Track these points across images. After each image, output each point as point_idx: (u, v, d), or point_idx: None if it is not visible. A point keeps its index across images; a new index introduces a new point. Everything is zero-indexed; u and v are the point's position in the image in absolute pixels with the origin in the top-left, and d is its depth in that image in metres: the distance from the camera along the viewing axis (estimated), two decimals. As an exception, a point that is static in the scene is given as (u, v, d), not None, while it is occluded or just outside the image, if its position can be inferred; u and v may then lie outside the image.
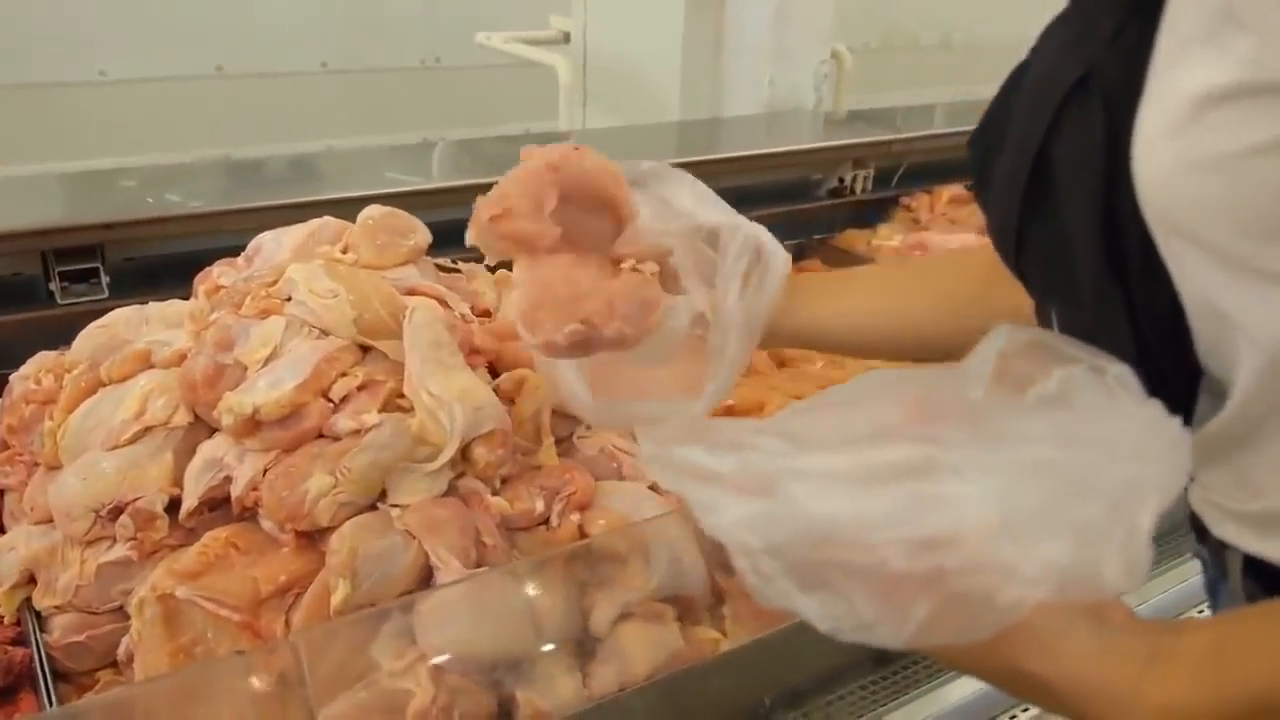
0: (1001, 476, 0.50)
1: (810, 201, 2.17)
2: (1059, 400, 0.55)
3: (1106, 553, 0.50)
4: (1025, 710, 1.06)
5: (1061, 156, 0.62)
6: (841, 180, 2.16)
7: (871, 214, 2.17)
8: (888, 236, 2.02)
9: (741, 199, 2.10)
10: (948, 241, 1.96)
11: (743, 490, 0.53)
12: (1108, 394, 0.54)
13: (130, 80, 3.11)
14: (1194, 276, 0.57)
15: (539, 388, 1.10)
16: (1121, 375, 0.55)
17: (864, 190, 2.18)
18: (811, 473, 0.52)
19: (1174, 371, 0.59)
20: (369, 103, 3.47)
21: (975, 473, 0.50)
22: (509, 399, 1.13)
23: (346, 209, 1.28)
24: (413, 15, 3.49)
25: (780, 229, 2.07)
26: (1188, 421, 0.59)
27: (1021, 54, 0.72)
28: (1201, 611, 1.18)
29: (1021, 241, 0.67)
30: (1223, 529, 0.65)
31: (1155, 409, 0.54)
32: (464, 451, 1.01)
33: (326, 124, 3.38)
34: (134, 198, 1.54)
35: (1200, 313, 0.58)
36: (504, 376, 1.13)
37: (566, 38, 2.66)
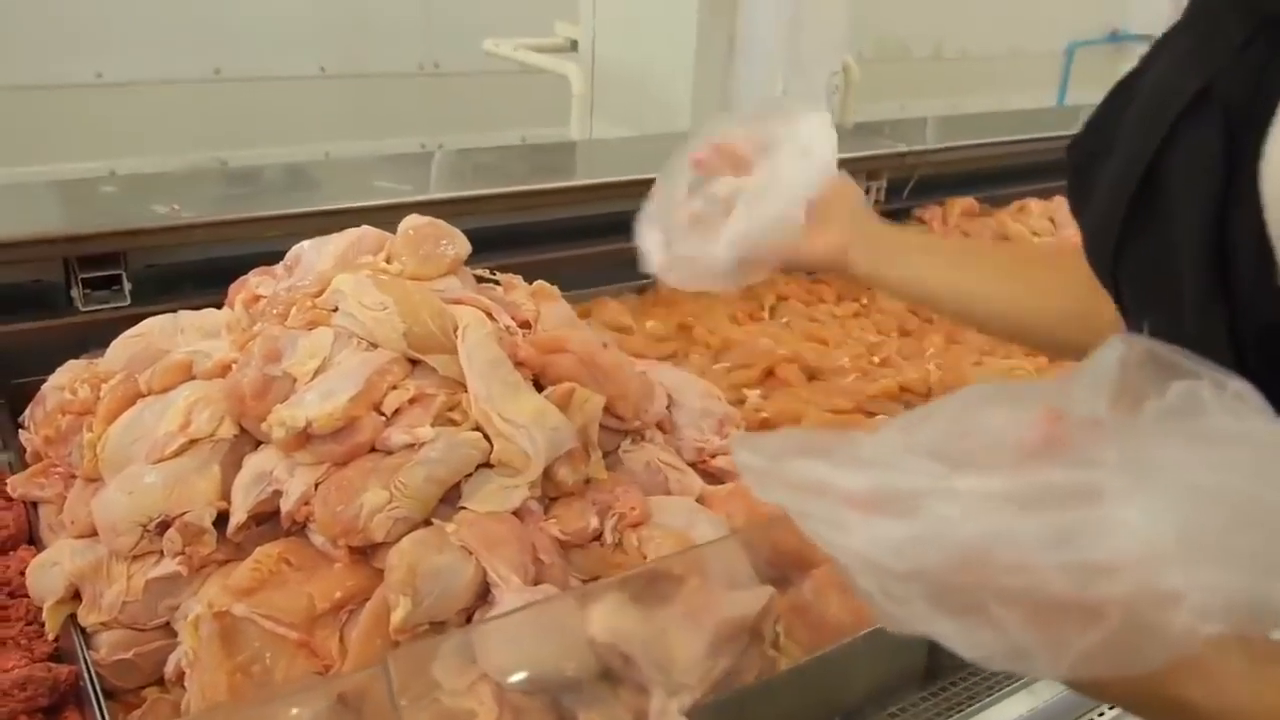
0: (1173, 504, 0.48)
1: (824, 213, 2.16)
2: (1184, 415, 0.54)
3: (1276, 584, 0.48)
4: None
5: (1175, 168, 0.60)
6: (855, 192, 2.16)
7: (884, 226, 2.17)
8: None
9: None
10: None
11: (877, 510, 0.51)
12: (1233, 412, 0.52)
13: (127, 82, 3.07)
14: None
15: (588, 401, 1.09)
16: (1243, 391, 0.53)
17: (877, 202, 2.18)
18: (964, 494, 0.49)
19: (1267, 386, 0.59)
20: (367, 108, 3.45)
21: (1144, 499, 0.48)
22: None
23: (376, 217, 1.27)
24: (411, 21, 3.47)
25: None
26: None
27: (1013, 64, 0.72)
28: None
29: (1120, 252, 0.66)
30: None
31: None
32: (546, 471, 1.00)
33: (323, 129, 3.36)
34: (153, 204, 1.52)
35: None
36: (550, 390, 1.12)
37: (573, 45, 2.65)
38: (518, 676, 0.88)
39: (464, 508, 0.98)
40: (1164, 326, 0.65)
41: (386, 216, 1.26)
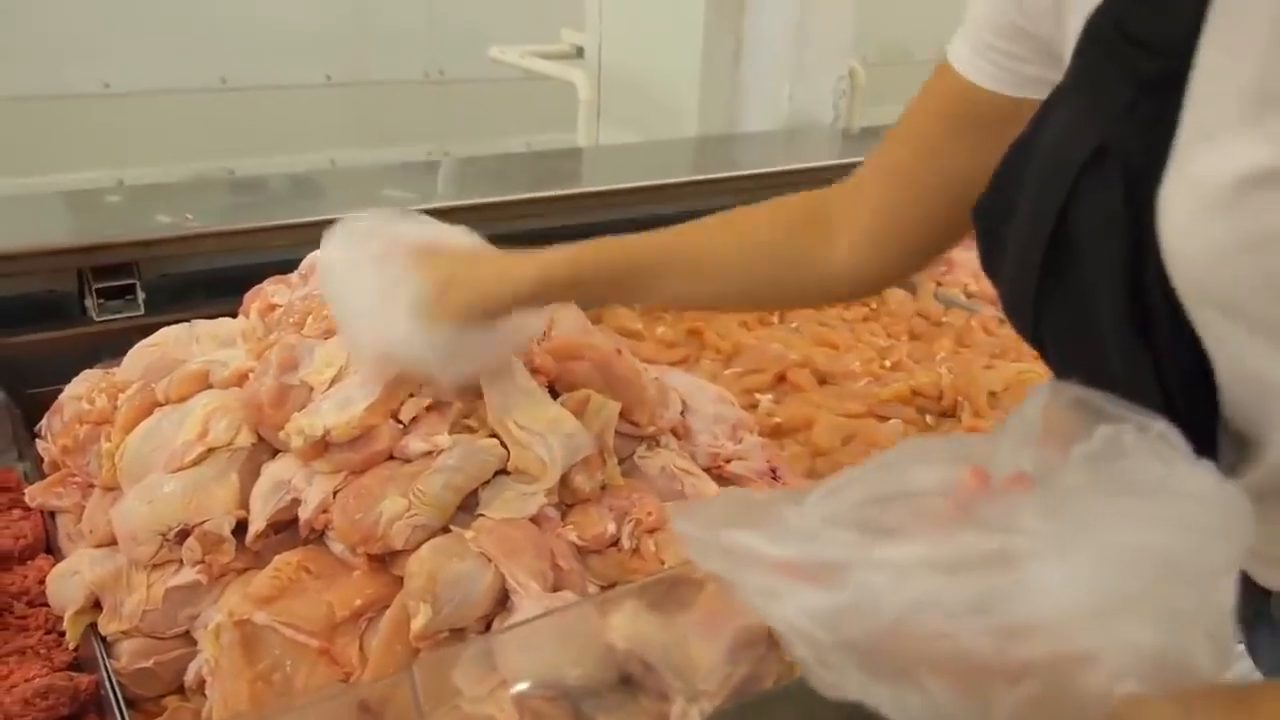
0: (1087, 563, 0.48)
1: (831, 217, 2.17)
2: (1106, 459, 0.54)
3: (1196, 638, 0.49)
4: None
5: (1082, 226, 0.61)
6: (862, 196, 2.16)
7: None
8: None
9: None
10: (970, 258, 1.97)
11: (806, 579, 0.51)
12: (1157, 455, 0.53)
13: (134, 92, 3.08)
14: (1232, 347, 0.57)
15: (604, 408, 1.09)
16: (1166, 432, 0.54)
17: (885, 206, 2.18)
18: (887, 563, 0.50)
19: (1197, 424, 0.59)
20: (373, 116, 3.46)
21: (1060, 560, 0.48)
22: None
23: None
24: (417, 28, 3.48)
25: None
26: None
27: None
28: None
29: (1039, 310, 0.66)
30: (1264, 576, 0.66)
31: (1210, 472, 0.53)
32: (563, 478, 1.00)
33: (330, 137, 3.37)
34: (165, 214, 1.53)
35: (1235, 377, 0.59)
36: (566, 396, 1.13)
37: (579, 52, 2.65)
38: (538, 683, 0.88)
39: (482, 515, 0.98)
40: (1093, 378, 0.65)
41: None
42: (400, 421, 1.02)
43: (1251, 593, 0.68)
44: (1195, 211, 0.55)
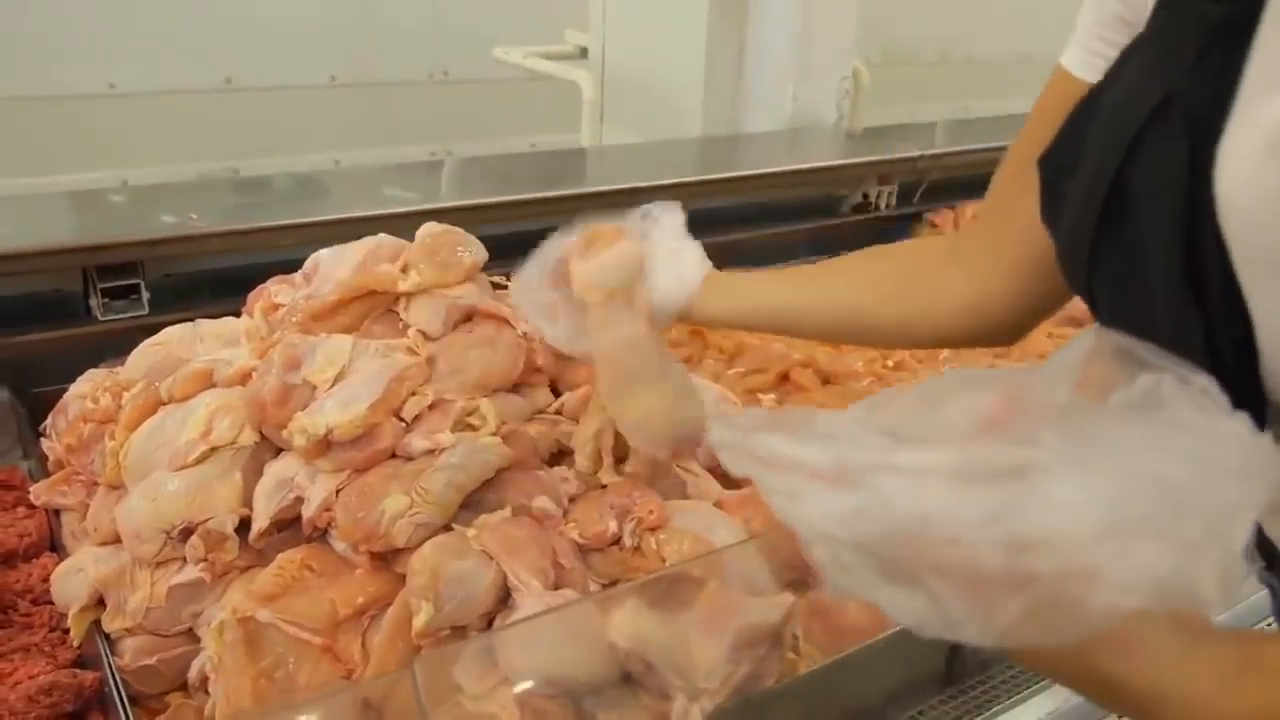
0: (1103, 483, 0.49)
1: (835, 218, 2.17)
2: (1145, 407, 0.55)
3: (1204, 568, 0.49)
4: (1093, 731, 1.06)
5: (1140, 180, 0.62)
6: (866, 196, 2.17)
7: (896, 230, 2.18)
8: (913, 253, 2.03)
9: (765, 215, 2.13)
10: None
11: (829, 481, 0.52)
12: (1196, 406, 0.54)
13: (139, 93, 3.09)
14: (1274, 308, 0.57)
15: (603, 410, 1.09)
16: (1208, 387, 0.54)
17: (888, 207, 2.19)
18: (907, 468, 0.51)
19: (1244, 398, 0.59)
20: (377, 116, 3.46)
21: (1076, 477, 0.49)
22: (573, 418, 1.13)
23: (389, 225, 1.28)
24: (421, 29, 3.48)
25: (805, 245, 2.10)
26: None
27: (1020, 69, 0.73)
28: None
29: (1093, 264, 0.67)
30: None
31: (1245, 423, 0.54)
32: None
33: (334, 137, 3.37)
34: (169, 214, 1.53)
35: (1275, 344, 0.58)
36: (567, 395, 1.13)
37: (583, 52, 2.65)
38: (539, 681, 0.89)
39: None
40: (1141, 337, 0.65)
41: (399, 224, 1.27)
42: (403, 420, 1.02)
43: None
44: (1254, 160, 0.55)
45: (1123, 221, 0.63)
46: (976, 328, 0.94)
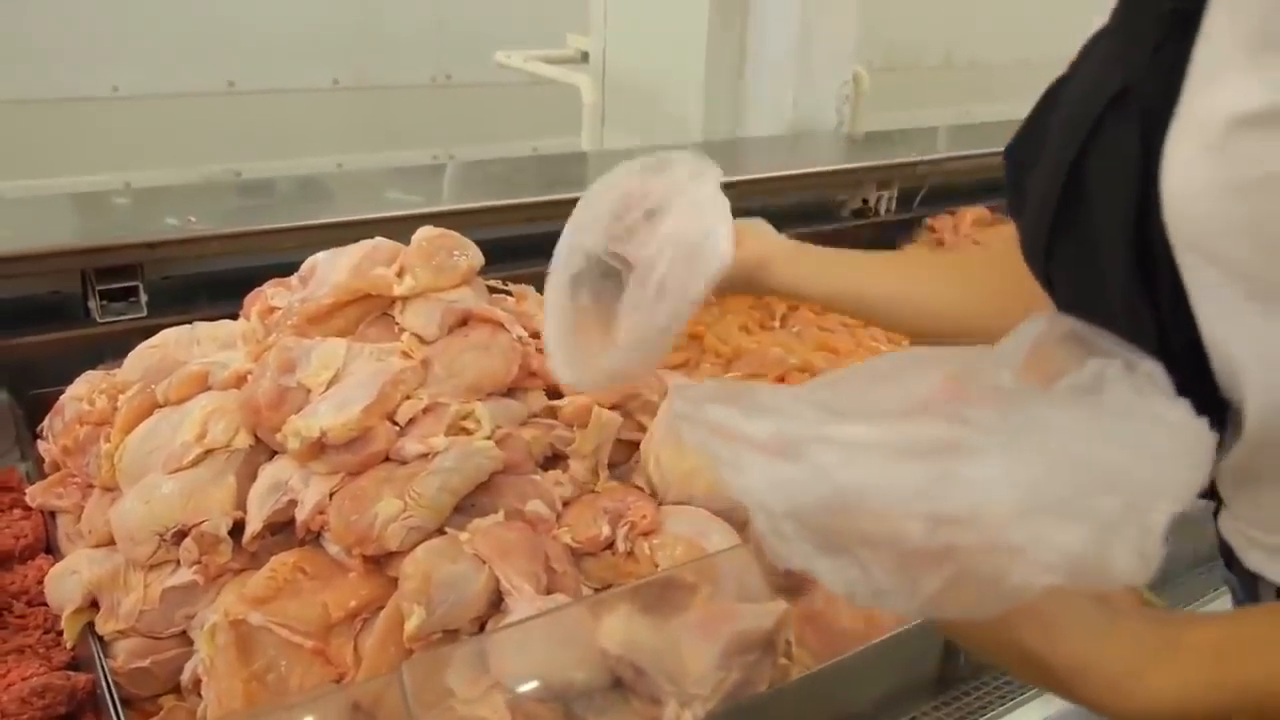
0: (1024, 463, 0.50)
1: (834, 223, 2.17)
2: (1090, 391, 0.56)
3: (1119, 545, 0.50)
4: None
5: (1096, 171, 0.62)
6: (865, 201, 2.17)
7: (895, 235, 2.18)
8: (913, 258, 2.03)
9: (765, 219, 2.12)
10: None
11: (770, 453, 0.53)
12: (1138, 391, 0.54)
13: (142, 96, 3.09)
14: (1207, 300, 0.57)
15: (605, 424, 1.10)
16: (1153, 372, 0.55)
17: (888, 211, 2.19)
18: (840, 441, 0.52)
19: (1200, 400, 0.59)
20: (379, 120, 3.47)
21: (1000, 457, 0.51)
22: (568, 425, 1.13)
23: (389, 228, 1.29)
24: (424, 33, 3.49)
25: (805, 249, 2.08)
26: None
27: (1022, 74, 0.73)
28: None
29: (1051, 253, 0.67)
30: (1251, 557, 0.66)
31: (1183, 409, 0.54)
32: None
33: (336, 141, 3.38)
34: (169, 217, 1.53)
35: (1213, 341, 0.58)
36: (566, 401, 1.13)
37: (584, 56, 2.66)
38: (530, 685, 0.89)
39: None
40: (1097, 326, 0.65)
41: (400, 228, 1.27)
42: (396, 423, 1.02)
43: (1244, 574, 0.68)
44: (1191, 151, 0.55)
45: (1078, 214, 0.64)
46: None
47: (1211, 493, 0.68)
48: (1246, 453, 0.60)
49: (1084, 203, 0.63)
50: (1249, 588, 0.68)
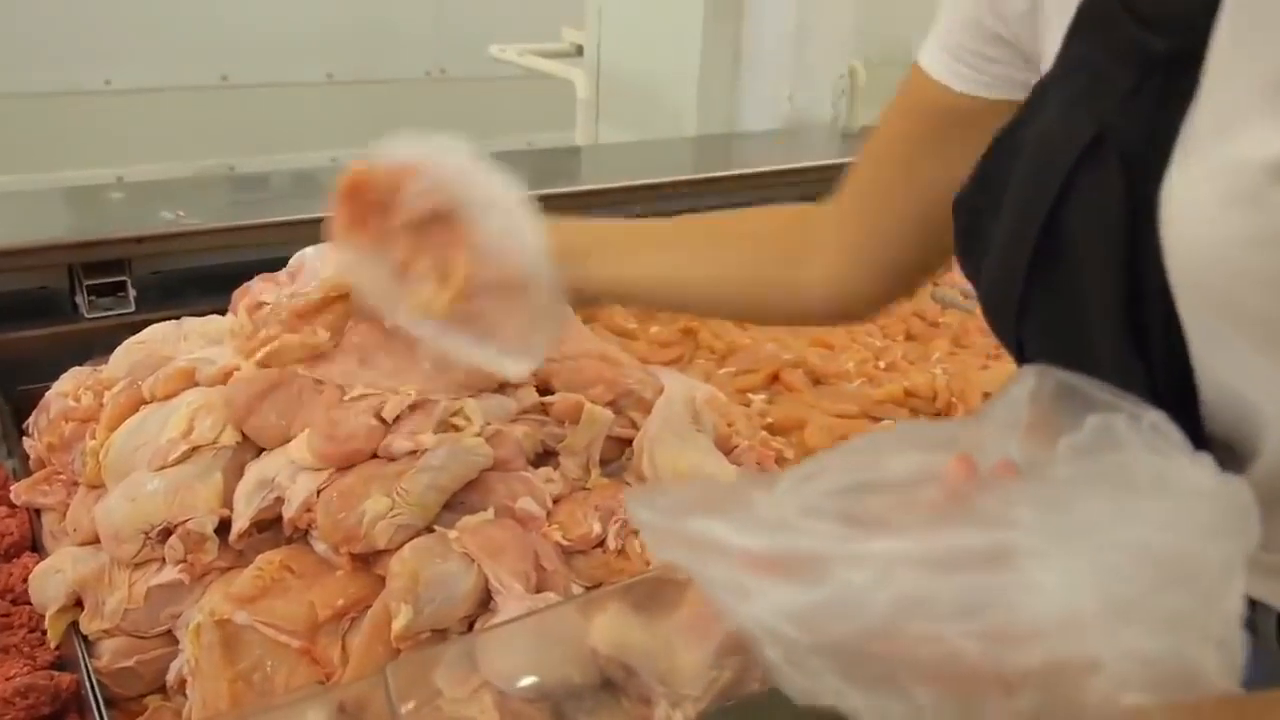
0: (1085, 562, 0.45)
1: (830, 217, 2.16)
2: (1097, 450, 0.52)
3: (1203, 645, 0.46)
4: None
5: (1076, 224, 0.59)
6: (861, 196, 2.15)
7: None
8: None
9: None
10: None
11: (781, 573, 0.47)
12: (1153, 449, 0.51)
13: (135, 89, 3.09)
14: (1217, 348, 0.55)
15: (597, 420, 1.09)
16: (1158, 422, 0.52)
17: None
18: (871, 557, 0.46)
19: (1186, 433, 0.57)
20: (374, 114, 3.46)
21: (1056, 558, 0.45)
22: (560, 421, 1.12)
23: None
24: (419, 27, 3.48)
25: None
26: None
27: None
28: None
29: (1024, 310, 0.63)
30: (1254, 586, 0.64)
31: (1210, 468, 0.50)
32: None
33: (331, 135, 3.36)
34: (159, 211, 1.52)
35: (1218, 389, 0.57)
36: (557, 398, 1.12)
37: (579, 50, 2.65)
38: (519, 684, 0.88)
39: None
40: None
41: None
42: (384, 420, 1.01)
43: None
44: (1209, 203, 0.52)
45: (1056, 268, 0.60)
46: (836, 314, 0.96)
47: None
48: (1261, 480, 0.58)
49: (1064, 254, 0.60)
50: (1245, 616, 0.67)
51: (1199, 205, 0.53)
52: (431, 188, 0.95)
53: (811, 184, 2.20)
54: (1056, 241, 0.60)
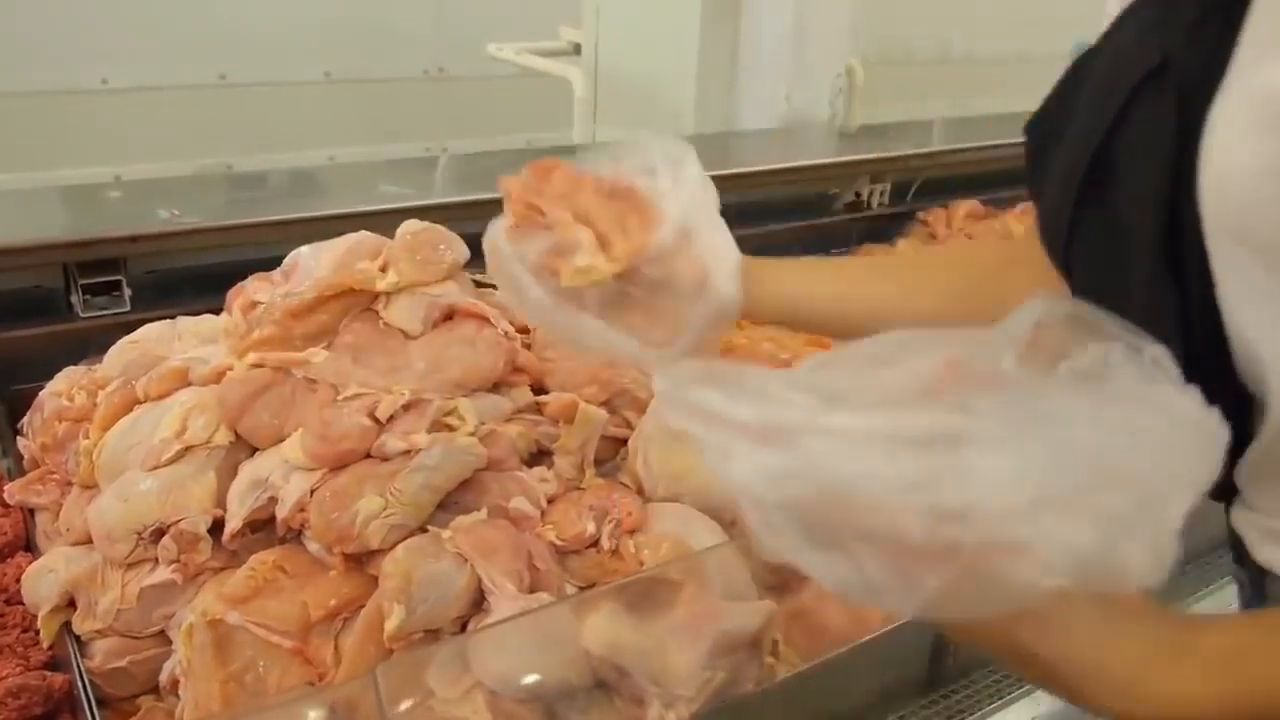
0: (1032, 455, 0.48)
1: (827, 216, 2.16)
2: (1093, 377, 0.53)
3: (1132, 545, 0.48)
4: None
5: (1126, 148, 0.59)
6: (858, 195, 2.16)
7: (888, 229, 2.16)
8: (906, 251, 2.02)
9: (758, 213, 2.11)
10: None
11: (759, 440, 0.51)
12: (1145, 378, 0.52)
13: (133, 88, 3.07)
14: (1237, 286, 0.55)
15: (591, 419, 1.08)
16: (1159, 357, 0.52)
17: (880, 205, 2.17)
18: (835, 431, 0.49)
19: (1220, 388, 0.56)
20: (372, 113, 3.45)
21: (1006, 448, 0.48)
22: (554, 421, 1.11)
23: (379, 222, 1.27)
24: (417, 26, 3.47)
25: (797, 244, 2.08)
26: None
27: (1017, 68, 0.70)
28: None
29: (1072, 234, 0.64)
30: (1264, 552, 0.64)
31: (1193, 399, 0.52)
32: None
33: (329, 134, 3.36)
34: (154, 210, 1.52)
35: (1239, 336, 0.57)
36: (552, 397, 1.12)
37: (577, 49, 2.64)
38: (512, 685, 0.87)
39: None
40: (1115, 312, 0.63)
41: (390, 221, 1.25)
42: (377, 420, 1.01)
43: (1254, 569, 0.67)
44: (1243, 128, 0.53)
45: (1105, 191, 0.61)
46: None
47: (1218, 490, 0.66)
48: (1270, 443, 0.58)
49: (1112, 181, 0.60)
50: (1257, 583, 0.66)
51: (1231, 131, 0.53)
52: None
53: (809, 183, 2.21)
54: (1108, 167, 0.60)
